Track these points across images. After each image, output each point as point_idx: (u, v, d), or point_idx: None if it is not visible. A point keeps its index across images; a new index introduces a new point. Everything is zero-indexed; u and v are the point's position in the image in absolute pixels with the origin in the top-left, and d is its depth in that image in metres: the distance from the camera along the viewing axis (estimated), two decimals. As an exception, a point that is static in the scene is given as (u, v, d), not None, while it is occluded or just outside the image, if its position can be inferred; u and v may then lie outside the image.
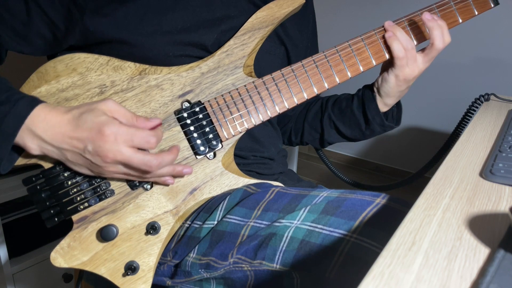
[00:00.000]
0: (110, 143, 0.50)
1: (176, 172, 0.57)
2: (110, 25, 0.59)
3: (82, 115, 0.51)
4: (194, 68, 0.62)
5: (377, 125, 0.76)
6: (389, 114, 0.77)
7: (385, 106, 0.74)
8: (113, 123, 0.50)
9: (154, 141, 0.53)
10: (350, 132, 0.80)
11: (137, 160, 0.51)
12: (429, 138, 1.82)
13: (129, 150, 0.51)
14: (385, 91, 0.71)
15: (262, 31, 0.64)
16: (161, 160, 0.54)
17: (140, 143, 0.52)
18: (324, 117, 0.81)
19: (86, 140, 0.50)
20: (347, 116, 0.78)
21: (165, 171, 0.56)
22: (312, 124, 0.84)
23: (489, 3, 0.70)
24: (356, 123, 0.78)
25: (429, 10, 0.68)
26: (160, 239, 0.59)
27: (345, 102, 0.79)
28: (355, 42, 0.67)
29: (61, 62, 0.58)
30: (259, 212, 0.57)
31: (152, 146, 0.53)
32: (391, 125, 0.77)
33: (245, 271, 0.55)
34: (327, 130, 0.81)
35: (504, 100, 0.85)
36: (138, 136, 0.51)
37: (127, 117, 0.53)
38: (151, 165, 0.52)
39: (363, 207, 0.52)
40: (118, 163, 0.52)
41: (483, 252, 0.32)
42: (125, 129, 0.51)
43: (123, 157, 0.51)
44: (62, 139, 0.51)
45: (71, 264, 0.57)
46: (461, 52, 1.61)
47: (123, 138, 0.50)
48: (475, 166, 0.49)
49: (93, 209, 0.58)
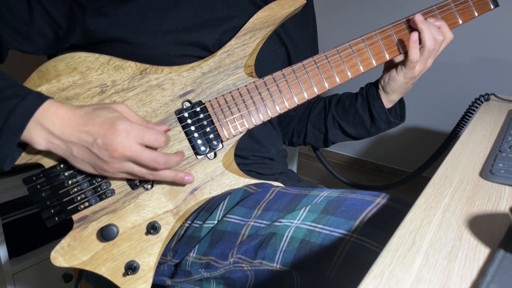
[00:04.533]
0: (121, 138, 0.50)
1: (178, 177, 0.58)
2: (111, 25, 0.59)
3: (96, 111, 0.52)
4: (195, 68, 0.62)
5: (383, 122, 0.76)
6: (393, 111, 0.78)
7: (389, 103, 0.75)
8: (126, 119, 0.52)
9: (163, 139, 0.54)
10: (355, 131, 0.81)
11: (146, 156, 0.52)
12: (429, 138, 1.82)
13: (139, 147, 0.52)
14: (392, 88, 0.72)
15: (263, 31, 0.64)
16: (169, 158, 0.54)
17: (150, 140, 0.53)
18: (328, 117, 0.81)
19: (96, 134, 0.51)
20: (351, 115, 0.79)
21: (167, 173, 0.56)
22: (315, 124, 0.84)
23: (489, 5, 0.70)
24: (360, 121, 0.78)
25: (430, 12, 0.68)
26: (160, 238, 0.59)
27: (349, 100, 0.79)
28: (355, 42, 0.67)
29: (62, 61, 0.58)
30: (259, 212, 0.57)
31: (161, 144, 0.54)
32: (397, 121, 0.77)
33: (245, 270, 0.55)
34: (331, 130, 0.82)
35: (504, 100, 0.86)
36: (149, 133, 0.53)
37: (138, 119, 0.55)
38: (159, 161, 0.53)
39: (363, 207, 0.52)
40: (126, 159, 0.52)
41: (483, 252, 0.32)
42: (136, 126, 0.52)
43: (132, 152, 0.51)
44: (72, 132, 0.51)
45: (71, 264, 0.57)
46: (461, 52, 1.61)
47: (134, 134, 0.51)
48: (475, 166, 0.49)
49: (93, 208, 0.58)
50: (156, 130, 0.54)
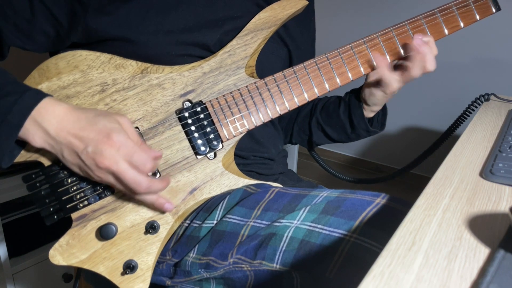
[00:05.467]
0: (111, 150, 0.49)
1: (158, 203, 0.56)
2: (112, 23, 0.59)
3: (97, 117, 0.51)
4: (196, 67, 0.62)
5: (362, 130, 0.79)
6: (375, 119, 0.79)
7: (371, 112, 0.77)
8: (124, 133, 0.51)
9: (150, 166, 0.52)
10: (337, 135, 0.83)
11: (130, 177, 0.51)
12: (429, 138, 1.82)
13: (126, 165, 0.50)
14: (372, 102, 0.74)
15: (264, 32, 0.64)
16: (151, 185, 0.52)
17: (138, 162, 0.51)
18: (312, 120, 0.84)
19: (90, 141, 0.50)
20: (334, 120, 0.81)
21: (148, 197, 0.55)
22: (301, 126, 0.86)
23: (491, 8, 0.70)
24: (342, 127, 0.80)
25: (431, 15, 0.68)
26: (159, 238, 0.59)
27: (332, 106, 0.81)
28: (357, 44, 0.67)
29: (62, 59, 0.58)
30: (259, 212, 0.57)
31: (146, 171, 0.52)
32: (376, 130, 0.80)
33: (245, 271, 0.55)
34: (315, 133, 0.84)
35: (504, 100, 0.86)
36: (139, 155, 0.51)
37: (135, 137, 0.54)
38: (141, 185, 0.51)
39: (363, 207, 0.52)
40: (110, 172, 0.51)
41: (483, 252, 0.32)
42: (131, 143, 0.51)
43: (117, 168, 0.50)
44: (65, 135, 0.51)
45: (69, 262, 0.57)
46: (461, 52, 1.61)
47: (126, 150, 0.50)
48: (475, 166, 0.49)
49: (92, 207, 0.58)
50: (147, 155, 0.52)
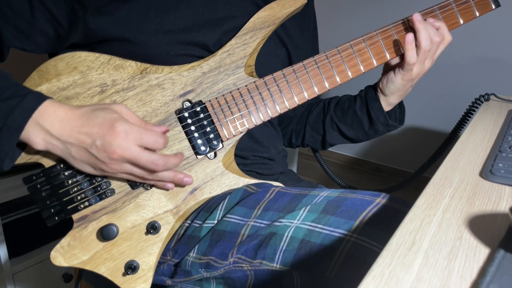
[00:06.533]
0: (120, 139, 0.50)
1: (177, 178, 0.58)
2: (112, 24, 0.59)
3: (94, 111, 0.52)
4: (195, 67, 0.62)
5: (381, 124, 0.76)
6: (392, 115, 0.77)
7: (388, 106, 0.75)
8: (125, 121, 0.52)
9: (162, 141, 0.54)
10: (353, 133, 0.80)
11: (145, 159, 0.52)
12: (429, 138, 1.82)
13: (138, 149, 0.51)
14: (390, 90, 0.72)
15: (263, 31, 0.64)
16: (167, 160, 0.54)
17: (149, 142, 0.53)
18: (326, 119, 0.81)
19: (95, 135, 0.50)
20: (350, 117, 0.78)
21: (166, 175, 0.56)
22: (314, 126, 0.84)
23: (491, 5, 0.70)
24: (359, 124, 0.78)
25: (431, 12, 0.68)
26: (160, 238, 0.59)
27: (348, 103, 0.79)
28: (356, 42, 0.67)
29: (62, 60, 0.58)
30: (259, 212, 0.57)
31: (160, 147, 0.54)
32: (395, 124, 0.77)
33: (245, 270, 0.55)
34: (329, 132, 0.81)
35: (504, 100, 0.85)
36: (148, 135, 0.52)
37: (137, 121, 0.55)
38: (158, 163, 0.53)
39: (363, 206, 0.52)
40: (125, 160, 0.52)
41: (483, 252, 0.32)
42: (136, 127, 0.52)
43: (131, 154, 0.51)
44: (70, 133, 0.51)
45: (71, 263, 0.57)
46: (461, 52, 1.61)
47: (133, 135, 0.51)
48: (475, 166, 0.49)
49: (93, 208, 0.58)
50: (155, 132, 0.54)
